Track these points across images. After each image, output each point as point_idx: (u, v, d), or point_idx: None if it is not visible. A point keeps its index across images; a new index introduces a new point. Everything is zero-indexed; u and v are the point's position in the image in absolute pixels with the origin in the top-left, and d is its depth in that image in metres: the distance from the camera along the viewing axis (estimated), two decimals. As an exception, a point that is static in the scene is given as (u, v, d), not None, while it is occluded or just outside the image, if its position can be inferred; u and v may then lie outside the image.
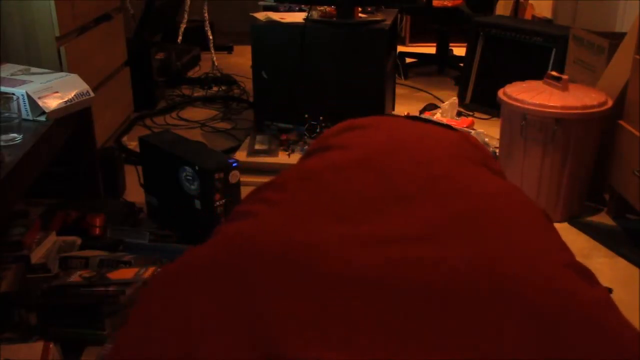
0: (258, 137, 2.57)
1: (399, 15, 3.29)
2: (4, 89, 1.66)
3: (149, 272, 1.52)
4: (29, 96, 1.66)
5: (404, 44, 4.70)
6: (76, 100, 1.78)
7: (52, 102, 1.70)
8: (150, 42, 3.18)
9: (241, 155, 2.41)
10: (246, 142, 2.56)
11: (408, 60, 3.96)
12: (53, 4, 1.98)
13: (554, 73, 2.13)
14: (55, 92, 1.73)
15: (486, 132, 2.66)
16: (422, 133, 1.52)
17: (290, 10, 2.86)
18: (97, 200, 2.00)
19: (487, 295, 1.00)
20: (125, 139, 2.66)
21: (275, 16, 2.68)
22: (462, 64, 3.45)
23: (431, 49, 4.13)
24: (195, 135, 2.80)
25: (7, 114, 1.56)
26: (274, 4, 2.88)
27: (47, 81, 1.76)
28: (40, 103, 1.67)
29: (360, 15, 2.67)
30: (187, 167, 1.74)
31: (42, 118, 1.68)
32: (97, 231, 1.78)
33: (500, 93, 2.14)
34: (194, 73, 3.81)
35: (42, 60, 2.02)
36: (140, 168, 2.12)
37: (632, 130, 1.90)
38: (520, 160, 2.09)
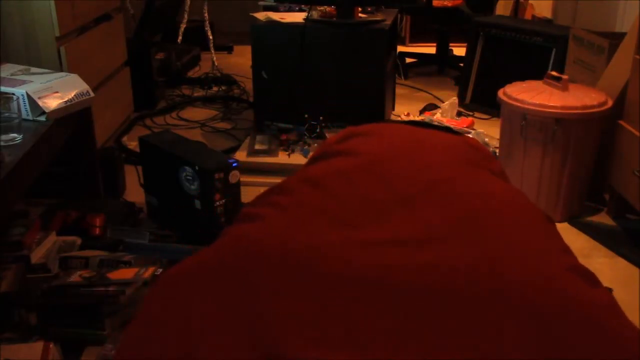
0: (258, 137, 2.57)
1: (399, 15, 3.29)
2: (4, 89, 1.66)
3: (149, 272, 1.52)
4: (29, 96, 1.66)
5: (404, 44, 4.70)
6: (76, 100, 1.78)
7: (52, 102, 1.70)
8: (150, 42, 3.18)
9: (241, 155, 2.41)
10: (246, 142, 2.56)
11: (408, 60, 3.96)
12: (53, 4, 1.98)
13: (554, 73, 2.13)
14: (55, 92, 1.73)
15: (486, 132, 2.66)
16: (423, 138, 1.54)
17: (290, 10, 2.86)
18: (97, 200, 2.00)
19: (487, 295, 1.00)
20: (125, 139, 2.66)
21: (275, 16, 2.69)
22: (462, 64, 3.46)
23: (431, 49, 4.14)
24: (195, 135, 2.80)
25: (7, 114, 1.56)
26: (274, 4, 2.89)
27: (47, 81, 1.76)
28: (40, 103, 1.67)
29: (360, 15, 2.67)
30: (187, 167, 1.74)
31: (42, 118, 1.68)
32: (97, 231, 1.78)
33: (500, 93, 2.14)
34: (194, 73, 3.81)
35: (42, 60, 2.02)
36: (140, 168, 2.12)
37: (632, 130, 1.90)
38: (520, 160, 2.09)
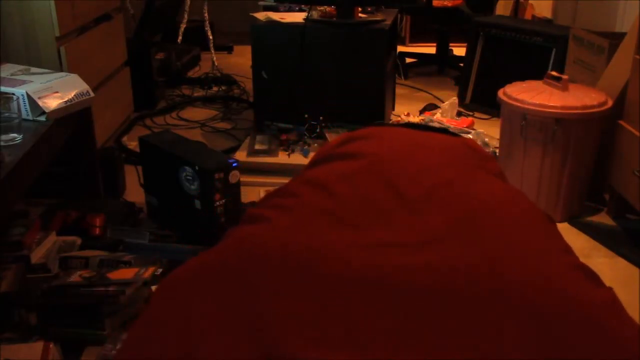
0: (258, 137, 2.57)
1: (399, 15, 3.29)
2: (4, 89, 1.66)
3: (149, 272, 1.52)
4: (29, 96, 1.66)
5: (404, 44, 4.70)
6: (76, 100, 1.78)
7: (52, 102, 1.70)
8: (150, 42, 3.18)
9: (241, 155, 2.41)
10: (246, 142, 2.56)
11: (408, 60, 3.96)
12: (53, 4, 1.98)
13: (554, 73, 2.13)
14: (55, 92, 1.73)
15: (486, 132, 2.66)
16: (422, 141, 1.57)
17: (290, 10, 2.86)
18: (97, 200, 2.00)
19: (487, 295, 1.00)
20: (125, 139, 2.66)
21: (275, 16, 2.69)
22: (462, 64, 3.46)
23: (431, 49, 4.13)
24: (195, 135, 2.80)
25: (7, 114, 1.56)
26: (274, 4, 2.89)
27: (47, 81, 1.76)
28: (40, 103, 1.67)
29: (360, 15, 2.67)
30: (187, 167, 1.74)
31: (42, 118, 1.68)
32: (97, 231, 1.78)
33: (500, 93, 2.14)
34: (194, 73, 3.81)
35: (42, 60, 2.02)
36: (140, 168, 2.12)
37: (632, 130, 1.90)
38: (520, 160, 2.09)
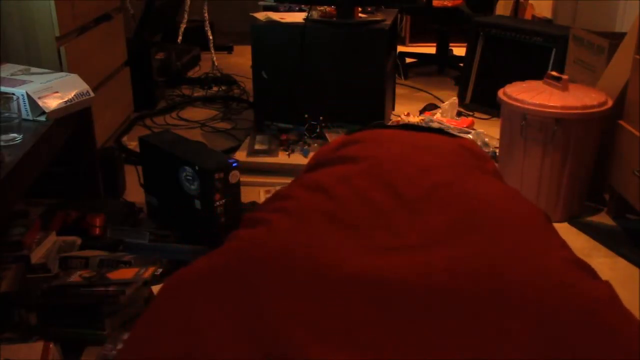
0: (258, 137, 2.57)
1: (399, 15, 3.29)
2: (4, 89, 1.66)
3: (149, 272, 1.52)
4: (29, 96, 1.66)
5: (404, 44, 4.70)
6: (76, 100, 1.78)
7: (52, 102, 1.70)
8: (150, 42, 3.18)
9: (241, 155, 2.41)
10: (246, 142, 2.56)
11: (408, 60, 3.96)
12: (53, 4, 1.98)
13: (554, 73, 2.13)
14: (55, 92, 1.73)
15: (486, 132, 2.66)
16: (419, 143, 1.59)
17: (290, 10, 2.86)
18: (97, 200, 2.00)
19: (488, 295, 1.01)
20: (125, 139, 2.66)
21: (275, 16, 2.69)
22: (462, 64, 3.46)
23: (431, 49, 4.14)
24: (195, 135, 2.80)
25: (7, 114, 1.56)
26: (274, 4, 2.89)
27: (47, 81, 1.76)
28: (40, 103, 1.67)
29: (360, 15, 2.67)
30: (187, 167, 1.74)
31: (42, 118, 1.68)
32: (97, 231, 1.78)
33: (500, 93, 2.14)
34: (194, 73, 3.81)
35: (42, 60, 2.02)
36: (140, 168, 2.12)
37: (632, 130, 1.90)
38: (520, 160, 2.09)
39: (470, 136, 2.54)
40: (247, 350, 0.93)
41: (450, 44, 4.00)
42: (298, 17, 2.66)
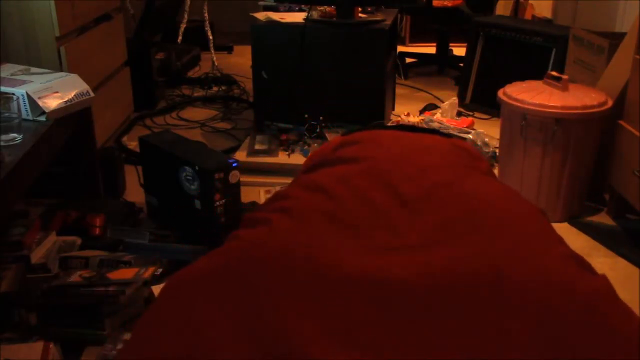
0: (258, 137, 2.57)
1: (399, 15, 3.29)
2: (4, 89, 1.66)
3: (149, 272, 1.52)
4: (29, 96, 1.66)
5: (404, 44, 4.70)
6: (76, 100, 1.78)
7: (52, 102, 1.70)
8: (150, 42, 3.18)
9: (241, 155, 2.41)
10: (246, 142, 2.56)
11: (408, 60, 3.96)
12: (53, 4, 1.98)
13: (554, 73, 2.13)
14: (55, 92, 1.73)
15: (486, 132, 2.66)
16: (416, 143, 1.61)
17: (290, 10, 2.86)
18: (97, 200, 2.00)
19: (488, 296, 1.01)
20: (125, 139, 2.66)
21: (275, 16, 2.69)
22: (462, 64, 3.46)
23: (431, 49, 4.14)
24: (195, 135, 2.80)
25: (7, 114, 1.56)
26: (274, 4, 2.89)
27: (47, 81, 1.76)
28: (40, 103, 1.67)
29: (360, 15, 2.67)
30: (187, 167, 1.74)
31: (42, 118, 1.68)
32: (97, 231, 1.78)
33: (500, 93, 2.14)
34: (194, 73, 3.81)
35: (42, 60, 2.02)
36: (140, 168, 2.12)
37: (632, 130, 1.90)
38: (520, 160, 2.09)
39: (470, 136, 2.54)
40: (247, 350, 0.93)
41: (450, 44, 4.00)
42: (298, 17, 2.66)
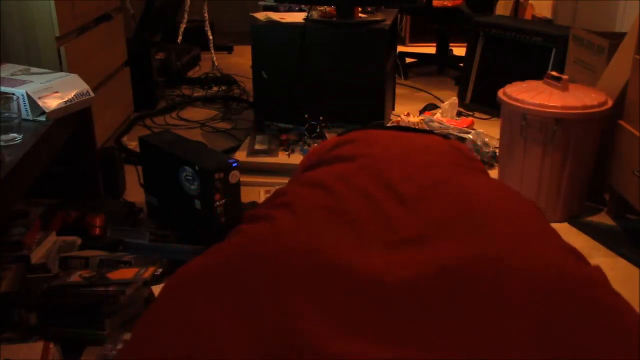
0: (258, 137, 2.57)
1: (399, 15, 3.29)
2: (4, 89, 1.66)
3: (149, 272, 1.52)
4: (29, 96, 1.66)
5: (404, 44, 4.70)
6: (76, 100, 1.78)
7: (52, 102, 1.70)
8: (150, 42, 3.18)
9: (241, 155, 2.41)
10: (246, 142, 2.56)
11: (408, 60, 3.96)
12: (53, 4, 1.98)
13: (554, 73, 2.13)
14: (55, 92, 1.73)
15: (486, 132, 2.66)
16: (413, 142, 1.63)
17: (290, 10, 2.86)
18: (97, 200, 2.00)
19: (488, 296, 1.01)
20: (125, 139, 2.66)
21: (275, 16, 2.69)
22: (462, 64, 3.46)
23: (431, 49, 4.13)
24: (195, 135, 2.80)
25: (7, 114, 1.56)
26: (274, 4, 2.89)
27: (47, 81, 1.76)
28: (40, 103, 1.67)
29: (360, 15, 2.67)
30: (187, 167, 1.74)
31: (42, 118, 1.68)
32: (97, 231, 1.78)
33: (500, 93, 2.14)
34: (194, 73, 3.81)
35: (42, 60, 2.02)
36: (140, 168, 2.12)
37: (632, 130, 1.90)
38: (520, 160, 2.09)
39: (470, 136, 2.54)
40: (248, 350, 0.93)
41: (450, 44, 4.00)
42: (298, 17, 2.66)
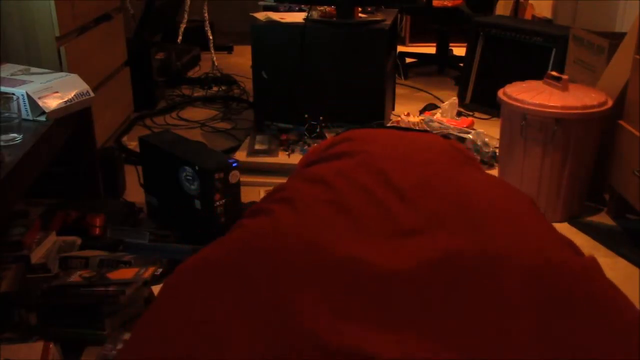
0: (258, 137, 2.57)
1: (399, 15, 3.29)
2: (4, 89, 1.66)
3: (149, 272, 1.52)
4: (29, 96, 1.66)
5: (404, 44, 4.70)
6: (76, 100, 1.78)
7: (52, 102, 1.70)
8: (150, 42, 3.18)
9: (241, 155, 2.41)
10: (246, 142, 2.56)
11: (408, 60, 3.96)
12: (53, 4, 1.98)
13: (554, 73, 2.13)
14: (55, 92, 1.73)
15: (486, 132, 2.66)
16: (415, 140, 1.64)
17: (290, 10, 2.86)
18: (97, 200, 2.00)
19: (487, 296, 1.01)
20: (125, 139, 2.66)
21: (275, 16, 2.69)
22: (462, 64, 3.46)
23: (431, 49, 4.14)
24: (195, 135, 2.80)
25: (7, 114, 1.56)
26: (274, 4, 2.89)
27: (47, 81, 1.76)
28: (40, 103, 1.67)
29: (360, 15, 2.67)
30: (187, 167, 1.74)
31: (42, 118, 1.68)
32: (97, 231, 1.78)
33: (500, 93, 2.14)
34: (194, 73, 3.81)
35: (42, 60, 2.02)
36: (140, 168, 2.12)
37: (632, 130, 1.90)
38: (520, 160, 2.09)
39: (470, 136, 2.54)
40: (248, 350, 0.93)
41: (450, 44, 4.00)
42: (298, 17, 2.66)
